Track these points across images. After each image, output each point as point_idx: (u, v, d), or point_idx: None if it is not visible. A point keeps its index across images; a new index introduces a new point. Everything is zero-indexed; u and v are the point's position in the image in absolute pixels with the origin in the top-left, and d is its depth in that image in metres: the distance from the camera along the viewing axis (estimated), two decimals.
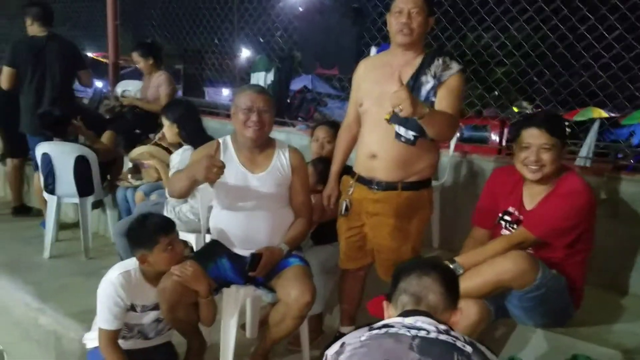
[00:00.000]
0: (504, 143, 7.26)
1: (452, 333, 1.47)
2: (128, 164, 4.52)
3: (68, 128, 4.08)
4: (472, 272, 2.27)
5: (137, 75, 5.67)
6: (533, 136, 2.35)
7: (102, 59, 10.40)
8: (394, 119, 2.35)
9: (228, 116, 4.85)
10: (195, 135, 3.27)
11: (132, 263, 2.45)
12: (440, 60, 2.39)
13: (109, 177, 4.49)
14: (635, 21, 3.46)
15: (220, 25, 5.41)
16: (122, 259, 3.49)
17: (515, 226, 2.48)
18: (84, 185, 4.06)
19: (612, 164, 5.32)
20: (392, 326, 1.48)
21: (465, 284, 2.17)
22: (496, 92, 5.16)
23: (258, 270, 2.40)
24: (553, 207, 2.34)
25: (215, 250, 2.57)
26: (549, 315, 2.40)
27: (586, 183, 2.37)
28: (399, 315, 1.56)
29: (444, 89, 2.36)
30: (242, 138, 2.55)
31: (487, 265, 2.25)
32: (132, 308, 2.41)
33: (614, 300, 2.83)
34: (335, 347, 1.53)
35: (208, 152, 2.57)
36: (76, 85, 4.88)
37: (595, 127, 5.71)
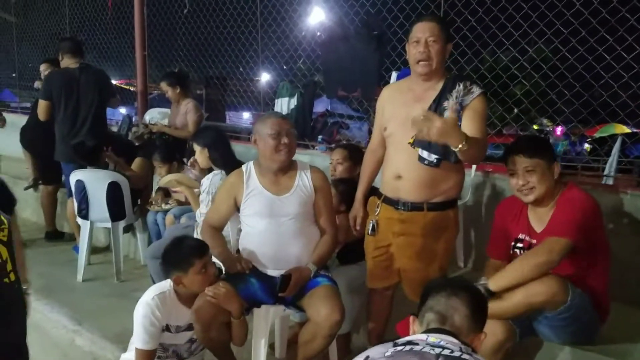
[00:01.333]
0: None
1: (476, 356, 1.47)
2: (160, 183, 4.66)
3: (100, 156, 4.23)
4: (503, 295, 2.27)
5: (162, 102, 5.86)
6: (515, 162, 2.45)
7: (125, 86, 10.70)
8: (417, 142, 2.43)
9: (249, 139, 5.01)
10: (226, 159, 3.39)
11: (166, 285, 2.54)
12: (462, 86, 2.45)
13: (139, 201, 4.62)
14: None
15: (244, 53, 5.59)
16: (153, 281, 3.61)
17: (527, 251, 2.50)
18: (116, 210, 4.20)
19: (637, 180, 5.31)
20: (417, 344, 1.49)
21: (497, 305, 2.21)
22: (515, 111, 5.23)
23: (288, 290, 2.48)
24: (566, 213, 2.37)
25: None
26: (577, 333, 2.42)
27: (586, 192, 2.43)
28: (424, 332, 1.58)
29: (469, 112, 2.42)
30: (268, 162, 2.64)
31: (520, 289, 2.26)
32: (167, 329, 2.49)
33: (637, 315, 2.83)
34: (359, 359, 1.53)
35: (235, 182, 2.72)
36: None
37: (617, 143, 5.69)
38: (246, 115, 14.38)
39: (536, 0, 3.77)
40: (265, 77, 8.35)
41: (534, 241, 2.49)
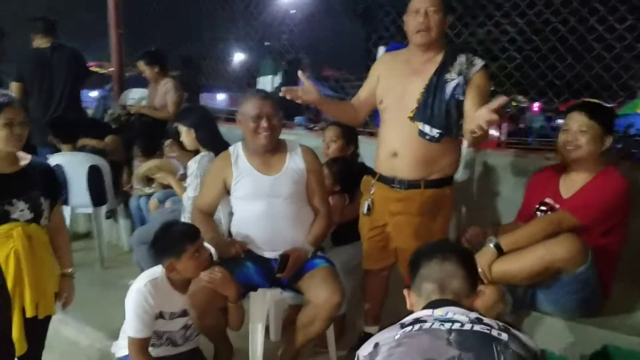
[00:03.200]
0: (502, 138, 7.28)
1: (485, 321, 1.45)
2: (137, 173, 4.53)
3: (79, 136, 4.09)
4: (518, 254, 2.28)
5: (136, 82, 5.68)
6: (572, 119, 2.41)
7: (96, 69, 10.38)
8: (418, 116, 2.37)
9: (227, 120, 4.90)
10: (214, 140, 3.29)
11: (158, 271, 2.46)
12: (464, 57, 2.41)
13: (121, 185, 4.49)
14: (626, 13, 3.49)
15: (223, 31, 5.43)
16: (141, 267, 3.51)
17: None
18: (97, 195, 4.07)
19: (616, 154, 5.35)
20: (425, 320, 1.46)
21: (514, 263, 2.23)
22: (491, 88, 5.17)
23: (286, 271, 2.42)
24: (593, 193, 2.37)
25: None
26: (585, 302, 2.41)
27: (624, 176, 2.41)
28: (427, 306, 1.54)
29: (473, 88, 2.37)
30: (253, 144, 2.57)
31: (540, 245, 2.26)
32: (161, 315, 2.42)
33: (637, 292, 2.83)
34: (368, 348, 1.50)
35: (223, 164, 2.64)
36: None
37: None
38: (221, 96, 14.17)
39: None
40: (239, 57, 8.13)
41: (557, 206, 2.49)
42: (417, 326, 1.45)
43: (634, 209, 2.47)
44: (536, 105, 11.46)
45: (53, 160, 3.98)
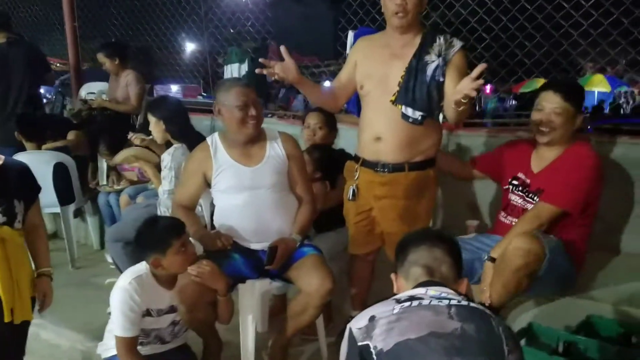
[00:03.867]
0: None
1: (473, 304, 1.47)
2: (103, 169, 4.41)
3: (46, 134, 3.94)
4: (494, 280, 2.28)
5: (90, 76, 5.53)
6: (547, 99, 2.43)
7: None
8: (400, 99, 2.37)
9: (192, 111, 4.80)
10: (185, 131, 3.22)
11: (142, 268, 2.39)
12: (442, 39, 2.42)
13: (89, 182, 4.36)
14: None
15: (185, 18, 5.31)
16: (116, 266, 3.43)
17: (522, 189, 2.55)
18: (64, 194, 3.94)
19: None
20: (421, 298, 1.47)
21: (499, 281, 2.25)
22: None
23: (275, 262, 2.39)
24: (567, 174, 2.41)
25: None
26: (556, 282, 2.46)
27: (594, 150, 2.47)
28: (418, 286, 1.55)
29: (453, 69, 2.38)
30: (237, 135, 2.51)
31: (503, 268, 2.25)
32: (148, 313, 2.35)
33: (611, 261, 2.93)
34: (363, 320, 1.45)
35: (201, 157, 2.57)
36: None
37: None
38: (174, 87, 13.93)
39: None
40: (197, 47, 7.96)
41: (529, 181, 2.54)
42: (415, 302, 1.45)
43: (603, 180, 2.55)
44: (488, 87, 11.69)
45: (17, 159, 3.83)
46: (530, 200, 2.53)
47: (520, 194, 2.59)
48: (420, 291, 1.51)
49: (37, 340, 2.91)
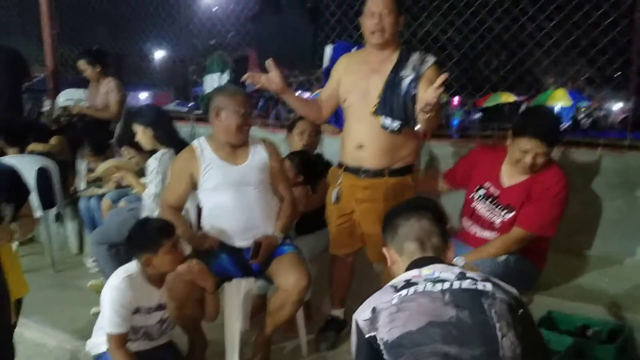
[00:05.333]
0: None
1: (468, 275, 1.54)
2: (82, 174, 4.45)
3: (28, 139, 3.98)
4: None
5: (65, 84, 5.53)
6: (532, 144, 2.56)
7: None
8: (380, 110, 2.56)
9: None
10: (171, 137, 3.33)
11: (133, 267, 2.49)
12: (417, 55, 2.61)
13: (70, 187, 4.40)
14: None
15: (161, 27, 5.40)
16: (101, 268, 3.51)
17: (490, 201, 2.73)
18: (46, 198, 3.97)
19: None
20: (416, 283, 1.52)
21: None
22: None
23: (259, 256, 2.54)
24: (541, 202, 2.60)
25: None
26: (518, 282, 2.63)
27: (561, 170, 2.66)
28: (412, 266, 1.61)
29: (425, 81, 2.54)
30: (229, 138, 2.64)
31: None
32: (138, 310, 2.45)
33: (571, 261, 3.15)
34: (366, 313, 1.52)
35: (188, 157, 2.68)
36: None
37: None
38: (144, 95, 13.94)
39: None
40: (160, 55, 7.93)
41: (497, 192, 2.70)
42: (411, 290, 1.51)
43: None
44: (456, 99, 12.03)
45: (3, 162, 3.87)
46: (498, 213, 2.69)
47: (487, 205, 2.74)
48: (414, 273, 1.57)
49: (22, 340, 2.96)
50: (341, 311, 2.98)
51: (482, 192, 2.76)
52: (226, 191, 2.62)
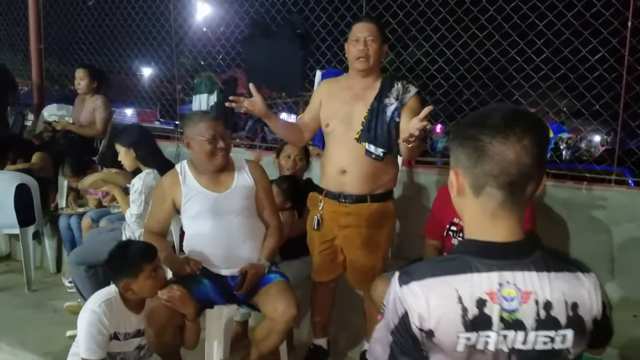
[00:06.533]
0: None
1: (552, 313, 1.11)
2: (63, 191, 4.38)
3: (8, 155, 3.90)
4: None
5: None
6: None
7: None
8: (364, 137, 2.55)
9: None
10: (156, 157, 3.29)
11: (111, 291, 2.43)
12: (400, 85, 2.63)
13: (51, 204, 4.32)
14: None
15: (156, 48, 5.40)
16: (77, 289, 3.42)
17: (459, 235, 2.66)
18: (25, 215, 3.90)
19: None
20: (489, 320, 1.09)
21: None
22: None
23: (244, 287, 2.47)
24: None
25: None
26: None
27: None
28: (485, 254, 1.12)
29: (407, 110, 2.56)
30: (208, 165, 2.61)
31: None
32: (115, 336, 2.38)
33: None
34: (422, 308, 1.11)
35: (169, 183, 2.65)
36: None
37: None
38: (129, 111, 13.92)
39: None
40: (147, 73, 7.86)
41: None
42: (480, 342, 1.10)
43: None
44: (439, 127, 12.14)
45: None
46: None
47: (462, 239, 2.69)
48: (489, 287, 1.10)
49: None
50: (324, 340, 2.94)
51: (453, 227, 2.71)
52: (207, 219, 2.58)
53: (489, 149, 1.10)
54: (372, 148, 2.59)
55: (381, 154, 2.59)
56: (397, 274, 1.18)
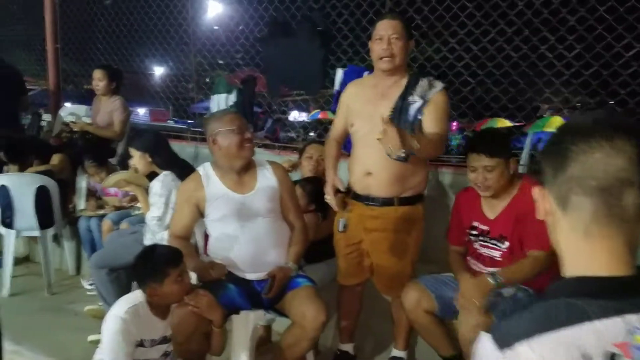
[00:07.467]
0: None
1: None
2: (82, 193, 4.34)
3: (30, 157, 3.87)
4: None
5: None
6: (475, 159, 2.44)
7: None
8: None
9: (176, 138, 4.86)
10: (171, 161, 3.23)
11: (138, 297, 2.37)
12: (425, 81, 2.54)
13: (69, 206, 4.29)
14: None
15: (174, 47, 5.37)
16: (99, 292, 3.38)
17: (482, 238, 2.57)
18: (44, 217, 3.87)
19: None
20: (616, 357, 0.81)
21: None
22: None
23: (272, 291, 2.42)
24: (534, 221, 2.46)
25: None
26: None
27: (533, 179, 2.52)
28: (603, 293, 0.86)
29: (431, 105, 2.48)
30: (232, 161, 2.53)
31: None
32: (141, 343, 2.33)
33: None
34: None
35: (193, 187, 2.58)
36: None
37: (528, 139, 6.09)
38: (142, 110, 13.95)
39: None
40: (161, 71, 7.84)
41: (486, 227, 2.55)
42: None
43: None
44: (454, 124, 12.01)
45: None
46: (494, 246, 2.55)
47: (483, 242, 2.60)
48: (616, 334, 0.82)
49: None
50: (350, 346, 2.87)
51: (474, 232, 2.62)
52: (233, 222, 2.52)
53: (572, 149, 0.90)
54: None
55: (404, 155, 2.49)
56: (486, 335, 0.92)
